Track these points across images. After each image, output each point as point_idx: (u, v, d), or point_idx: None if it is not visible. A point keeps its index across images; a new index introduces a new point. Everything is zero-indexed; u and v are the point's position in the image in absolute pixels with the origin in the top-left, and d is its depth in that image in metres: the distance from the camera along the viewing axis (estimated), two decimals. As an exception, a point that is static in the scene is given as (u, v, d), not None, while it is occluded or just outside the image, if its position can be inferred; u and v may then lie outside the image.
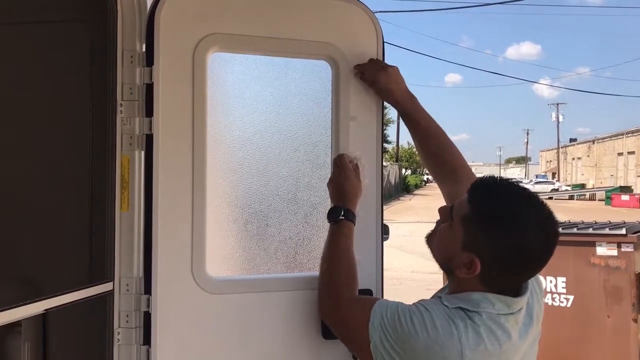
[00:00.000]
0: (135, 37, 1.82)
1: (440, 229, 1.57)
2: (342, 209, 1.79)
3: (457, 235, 1.48)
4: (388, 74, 1.92)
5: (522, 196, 1.46)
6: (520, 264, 1.45)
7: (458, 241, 1.47)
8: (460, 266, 1.47)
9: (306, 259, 1.96)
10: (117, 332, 1.79)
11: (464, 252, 1.46)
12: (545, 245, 1.44)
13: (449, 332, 1.40)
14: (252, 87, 1.94)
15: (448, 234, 1.52)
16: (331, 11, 1.97)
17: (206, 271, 1.81)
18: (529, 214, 1.42)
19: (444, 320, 1.42)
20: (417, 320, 1.43)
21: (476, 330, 1.41)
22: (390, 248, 11.13)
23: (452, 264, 1.51)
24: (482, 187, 1.50)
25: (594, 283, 5.05)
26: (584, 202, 44.97)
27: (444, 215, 1.56)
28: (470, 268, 1.45)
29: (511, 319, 1.46)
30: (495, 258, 1.43)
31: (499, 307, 1.45)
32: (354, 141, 1.95)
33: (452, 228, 1.51)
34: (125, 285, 1.81)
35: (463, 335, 1.39)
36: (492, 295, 1.45)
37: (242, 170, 1.92)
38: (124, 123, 1.80)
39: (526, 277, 1.50)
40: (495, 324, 1.43)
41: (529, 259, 1.45)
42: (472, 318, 1.43)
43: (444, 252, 1.55)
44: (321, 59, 1.96)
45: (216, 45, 1.84)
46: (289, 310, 1.88)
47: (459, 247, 1.47)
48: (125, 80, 1.81)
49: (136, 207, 1.81)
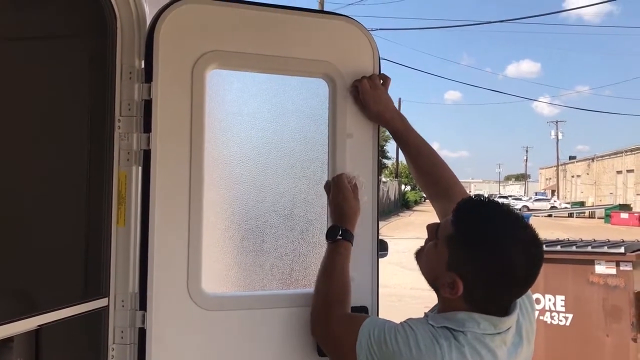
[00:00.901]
0: (134, 53, 1.83)
1: (426, 247, 1.57)
2: (340, 229, 1.80)
3: (442, 255, 1.48)
4: (377, 96, 1.94)
5: (507, 218, 1.45)
6: (503, 287, 1.44)
7: (443, 261, 1.47)
8: (444, 286, 1.47)
9: (302, 275, 1.96)
10: (112, 349, 1.78)
11: (448, 272, 1.46)
12: (529, 269, 1.43)
13: (433, 351, 1.40)
14: (250, 104, 1.96)
15: (433, 253, 1.52)
16: (328, 30, 1.99)
17: (202, 287, 1.81)
18: (513, 237, 1.42)
19: (428, 340, 1.42)
20: (402, 339, 1.43)
21: (460, 350, 1.40)
22: (389, 264, 11.09)
23: (437, 283, 1.51)
24: (467, 208, 1.50)
25: (593, 302, 5.03)
26: (583, 220, 44.92)
27: (430, 233, 1.57)
28: (453, 288, 1.45)
29: (497, 339, 1.45)
30: (478, 280, 1.43)
31: (484, 327, 1.44)
32: (350, 158, 1.96)
33: (437, 247, 1.51)
34: (121, 301, 1.80)
35: (447, 355, 1.39)
36: (478, 315, 1.45)
37: (238, 186, 1.93)
38: (122, 139, 1.81)
39: (512, 299, 1.49)
40: (480, 343, 1.42)
41: (513, 282, 1.44)
42: (456, 338, 1.42)
43: (430, 271, 1.55)
44: (318, 77, 1.98)
45: (215, 63, 1.85)
46: (284, 327, 1.88)
47: (443, 267, 1.47)
48: (124, 96, 1.82)
49: (132, 222, 1.81)
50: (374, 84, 1.94)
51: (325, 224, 1.95)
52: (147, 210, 1.77)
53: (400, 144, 1.98)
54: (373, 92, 1.93)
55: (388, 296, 9.44)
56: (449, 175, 1.90)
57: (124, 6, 1.82)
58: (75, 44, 1.90)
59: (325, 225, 1.95)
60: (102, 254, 1.80)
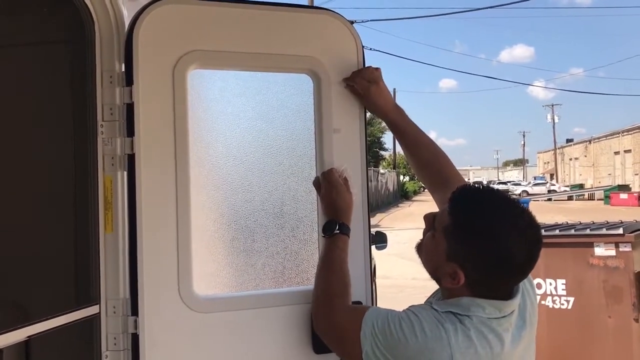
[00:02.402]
0: (114, 57, 1.81)
1: (425, 239, 1.58)
2: (336, 223, 1.80)
3: (440, 246, 1.48)
4: (379, 88, 1.93)
5: (502, 205, 1.46)
6: (504, 273, 1.45)
7: (442, 252, 1.48)
8: (445, 276, 1.48)
9: (294, 273, 1.95)
10: (105, 356, 1.77)
11: (448, 262, 1.46)
12: (528, 254, 1.44)
13: (438, 336, 1.40)
14: (234, 103, 1.94)
15: (432, 244, 1.53)
16: (310, 24, 1.97)
17: (193, 290, 1.79)
18: (509, 223, 1.42)
19: (433, 325, 1.42)
20: (406, 326, 1.43)
21: (466, 333, 1.40)
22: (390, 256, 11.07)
23: (438, 273, 1.51)
24: (462, 198, 1.49)
25: (594, 284, 5.03)
26: (583, 202, 44.97)
27: (428, 224, 1.57)
28: (454, 279, 1.45)
29: (504, 322, 1.45)
30: (478, 269, 1.43)
31: (489, 311, 1.44)
32: (338, 153, 1.94)
33: (435, 238, 1.51)
34: (112, 308, 1.79)
35: (452, 338, 1.39)
36: (482, 300, 1.45)
37: (226, 186, 1.91)
38: (105, 144, 1.79)
39: (513, 284, 1.50)
40: (487, 327, 1.42)
41: (513, 268, 1.45)
42: (462, 321, 1.42)
43: (430, 262, 1.55)
44: (302, 73, 1.96)
45: (196, 63, 1.83)
46: (279, 326, 1.86)
47: (443, 257, 1.48)
48: (105, 100, 1.80)
49: (120, 228, 1.80)
50: (371, 77, 1.93)
51: (316, 221, 1.93)
52: (134, 214, 1.76)
53: (398, 135, 1.97)
54: (370, 85, 1.92)
55: (389, 287, 9.43)
56: (447, 166, 1.90)
57: (101, 9, 1.80)
58: (53, 50, 1.88)
59: (316, 223, 1.93)
60: (91, 261, 1.79)
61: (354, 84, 1.94)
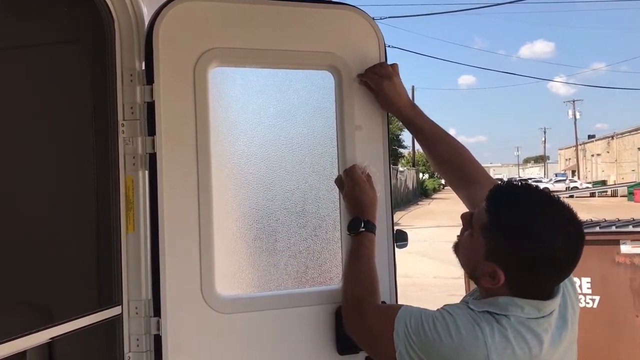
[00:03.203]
0: (134, 56, 1.80)
1: (463, 238, 1.53)
2: (362, 221, 1.76)
3: (479, 245, 1.43)
4: (392, 83, 1.89)
5: (541, 202, 1.40)
6: (545, 272, 1.40)
7: (480, 251, 1.43)
8: (484, 276, 1.43)
9: (317, 272, 1.92)
10: (128, 357, 1.76)
11: (487, 262, 1.42)
12: (570, 250, 1.38)
13: (474, 335, 1.36)
14: (255, 101, 1.91)
15: (470, 244, 1.48)
16: (331, 20, 1.94)
17: (216, 290, 1.77)
18: (549, 220, 1.37)
19: (469, 324, 1.38)
20: (441, 326, 1.39)
21: (503, 333, 1.36)
22: (411, 254, 11.01)
23: (477, 273, 1.46)
24: (500, 195, 1.45)
25: (620, 282, 4.93)
26: (606, 199, 44.32)
27: (465, 222, 1.52)
28: (494, 278, 1.40)
29: (543, 322, 1.40)
30: (519, 268, 1.38)
31: (528, 311, 1.40)
32: (360, 150, 1.91)
33: (473, 238, 1.46)
34: (134, 309, 1.78)
35: (489, 338, 1.35)
36: (521, 300, 1.40)
37: (248, 185, 1.89)
38: (127, 143, 1.78)
39: (555, 283, 1.44)
40: (525, 327, 1.38)
41: (555, 266, 1.39)
42: (499, 321, 1.38)
43: (468, 261, 1.51)
44: (324, 69, 1.93)
45: (216, 60, 1.81)
46: (302, 327, 1.84)
47: (481, 256, 1.43)
48: (126, 99, 1.78)
49: (142, 227, 1.78)
50: (384, 72, 1.89)
51: (339, 219, 1.90)
52: (156, 214, 1.74)
53: (415, 132, 1.92)
54: (382, 80, 1.88)
55: (411, 286, 9.37)
56: (470, 161, 1.85)
57: (121, 8, 1.79)
58: (73, 49, 1.88)
59: (338, 221, 1.90)
60: (114, 261, 1.78)
61: (367, 79, 1.90)
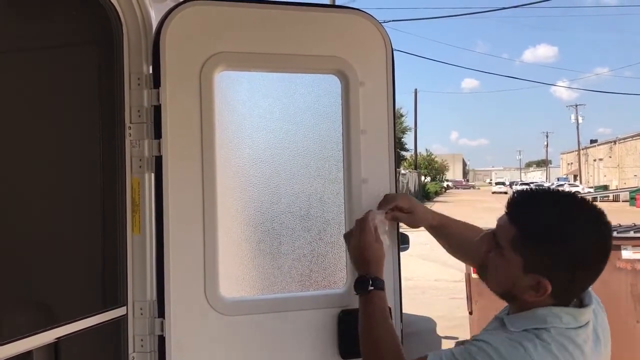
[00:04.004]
0: (141, 59, 1.82)
1: (490, 259, 1.46)
2: (369, 279, 1.67)
3: (513, 261, 1.39)
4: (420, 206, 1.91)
5: (566, 202, 1.39)
6: (584, 270, 1.37)
7: (517, 266, 1.38)
8: (527, 290, 1.38)
9: (321, 276, 1.93)
10: (132, 357, 1.77)
11: (527, 275, 1.37)
12: (604, 244, 1.37)
13: (518, 357, 1.31)
14: (261, 104, 1.93)
15: (502, 263, 1.42)
16: (337, 24, 1.95)
17: (220, 292, 1.79)
18: (579, 218, 1.35)
19: (510, 348, 1.32)
20: (481, 357, 1.32)
21: (547, 348, 1.32)
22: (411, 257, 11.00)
23: (516, 290, 1.41)
24: (522, 204, 1.42)
25: (621, 288, 4.93)
26: (608, 204, 44.18)
27: (487, 244, 1.46)
28: (539, 290, 1.36)
29: (582, 333, 1.37)
30: (560, 272, 1.35)
31: (567, 321, 1.37)
32: (365, 155, 1.92)
33: (504, 256, 1.41)
34: (139, 309, 1.79)
35: (533, 354, 1.30)
36: (559, 309, 1.37)
37: (253, 188, 1.90)
38: (133, 146, 1.80)
39: (591, 282, 1.41)
40: (566, 339, 1.35)
41: (592, 262, 1.37)
42: (540, 336, 1.34)
43: (504, 281, 1.44)
44: (330, 73, 1.94)
45: (223, 64, 1.82)
46: (305, 330, 1.85)
47: (519, 272, 1.38)
48: (133, 102, 1.80)
49: (147, 229, 1.80)
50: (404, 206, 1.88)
51: (343, 223, 1.91)
52: (161, 216, 1.76)
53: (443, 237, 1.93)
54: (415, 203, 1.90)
55: (411, 288, 9.37)
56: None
57: (129, 12, 1.80)
58: (81, 52, 1.89)
59: (342, 225, 1.91)
60: (119, 263, 1.79)
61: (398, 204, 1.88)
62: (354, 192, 1.91)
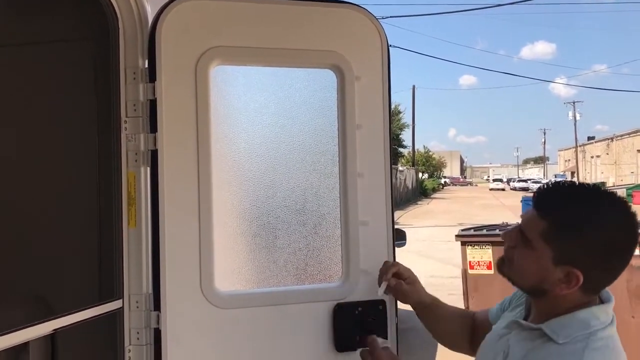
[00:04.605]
0: (137, 54, 1.82)
1: (517, 254, 1.46)
2: None
3: (543, 254, 1.39)
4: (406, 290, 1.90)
5: (592, 192, 1.40)
6: (614, 260, 1.38)
7: (547, 259, 1.38)
8: (557, 283, 1.38)
9: (317, 270, 1.94)
10: (128, 350, 1.78)
11: (558, 267, 1.37)
12: (632, 233, 1.37)
13: None
14: (257, 99, 1.93)
15: (531, 256, 1.42)
16: (333, 19, 1.96)
17: (215, 286, 1.80)
18: (607, 208, 1.37)
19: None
20: None
21: (599, 351, 1.33)
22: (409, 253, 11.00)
23: (546, 284, 1.41)
24: (549, 197, 1.43)
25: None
26: (605, 201, 44.21)
27: (513, 239, 1.46)
28: (570, 282, 1.36)
29: (614, 327, 1.39)
30: (592, 262, 1.36)
31: (604, 318, 1.38)
32: (361, 149, 1.93)
33: (533, 249, 1.41)
34: (135, 302, 1.80)
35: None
36: (596, 308, 1.39)
37: (248, 182, 1.91)
38: (129, 139, 1.80)
39: (620, 272, 1.41)
40: (609, 338, 1.37)
41: (623, 251, 1.38)
42: (589, 345, 1.34)
43: (532, 275, 1.44)
44: (326, 68, 1.95)
45: (218, 58, 1.83)
46: (301, 323, 1.86)
47: (549, 264, 1.38)
48: (129, 96, 1.81)
49: (143, 223, 1.81)
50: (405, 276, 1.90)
51: (339, 217, 1.93)
52: (157, 210, 1.76)
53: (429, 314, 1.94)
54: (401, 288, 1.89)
55: (408, 285, 9.36)
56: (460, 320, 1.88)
57: (125, 6, 1.81)
58: (78, 47, 1.89)
59: (338, 219, 1.92)
60: (115, 256, 1.80)
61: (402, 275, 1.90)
62: (349, 186, 1.92)
